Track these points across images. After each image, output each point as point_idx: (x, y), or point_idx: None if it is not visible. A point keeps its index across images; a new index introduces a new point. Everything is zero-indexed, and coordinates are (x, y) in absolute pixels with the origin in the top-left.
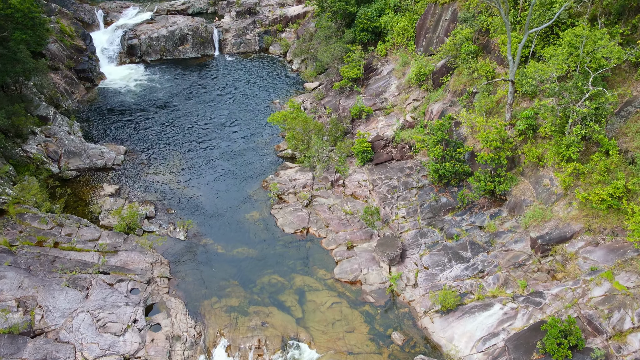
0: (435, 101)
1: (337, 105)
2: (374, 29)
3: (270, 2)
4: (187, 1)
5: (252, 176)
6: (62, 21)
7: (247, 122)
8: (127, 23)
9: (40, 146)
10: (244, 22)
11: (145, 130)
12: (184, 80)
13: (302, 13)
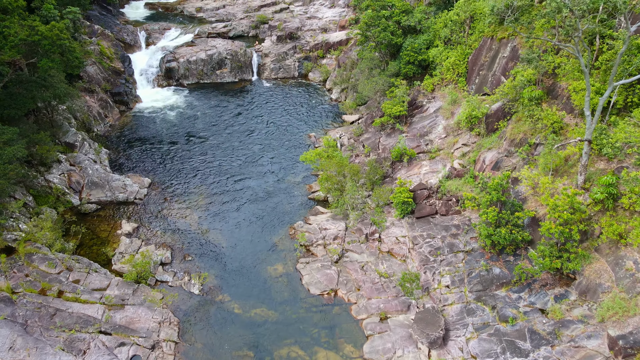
0: (489, 149)
1: (377, 144)
2: (421, 62)
3: (312, 26)
4: (228, 24)
5: (279, 221)
6: (103, 43)
7: (280, 157)
8: (168, 45)
9: (63, 176)
10: (284, 47)
11: (173, 160)
12: (219, 107)
13: (345, 40)
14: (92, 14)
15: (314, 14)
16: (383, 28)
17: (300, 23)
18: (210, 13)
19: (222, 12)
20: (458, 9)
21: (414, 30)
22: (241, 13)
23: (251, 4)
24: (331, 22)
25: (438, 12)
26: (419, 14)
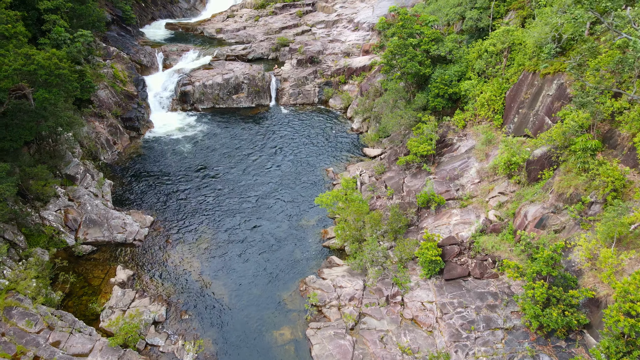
0: (531, 202)
1: (401, 186)
2: (452, 95)
3: (334, 50)
4: (248, 46)
5: (290, 272)
6: (117, 66)
7: (295, 195)
8: (184, 68)
9: (59, 212)
10: (304, 71)
11: (179, 196)
12: (233, 135)
13: (368, 65)
14: (111, 35)
15: (337, 37)
16: (410, 57)
17: (322, 46)
18: (230, 34)
19: (242, 33)
20: (494, 38)
21: (444, 59)
22: (261, 35)
23: (272, 25)
24: (354, 46)
25: (471, 40)
26: (450, 42)
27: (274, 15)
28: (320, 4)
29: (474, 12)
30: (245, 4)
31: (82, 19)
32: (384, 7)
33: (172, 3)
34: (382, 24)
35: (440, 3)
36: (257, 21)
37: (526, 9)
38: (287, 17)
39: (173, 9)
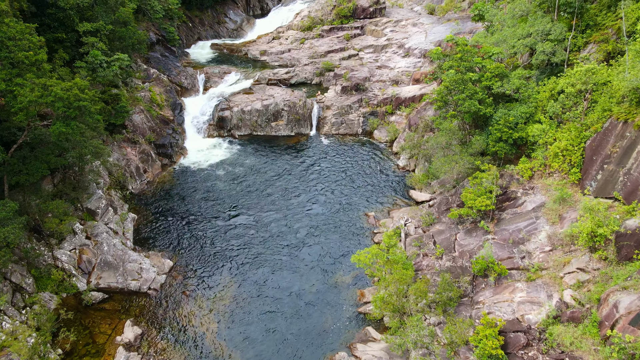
0: (623, 288)
1: (452, 243)
2: (517, 140)
3: (382, 77)
4: (291, 70)
5: (318, 344)
6: (155, 89)
7: (331, 244)
8: (224, 91)
9: (74, 252)
10: (348, 99)
11: (204, 237)
12: (269, 167)
13: (419, 95)
14: (154, 55)
15: (385, 63)
16: (469, 95)
17: (369, 73)
18: (274, 57)
19: (287, 56)
20: (572, 77)
21: (508, 98)
22: (306, 58)
23: (318, 49)
24: (404, 74)
25: (542, 77)
26: (517, 79)
27: (320, 38)
28: (369, 27)
29: (547, 45)
30: (291, 25)
31: (122, 41)
32: (437, 32)
33: (219, 24)
34: (437, 55)
35: (506, 33)
36: (303, 44)
37: (611, 43)
38: (333, 41)
39: (220, 29)
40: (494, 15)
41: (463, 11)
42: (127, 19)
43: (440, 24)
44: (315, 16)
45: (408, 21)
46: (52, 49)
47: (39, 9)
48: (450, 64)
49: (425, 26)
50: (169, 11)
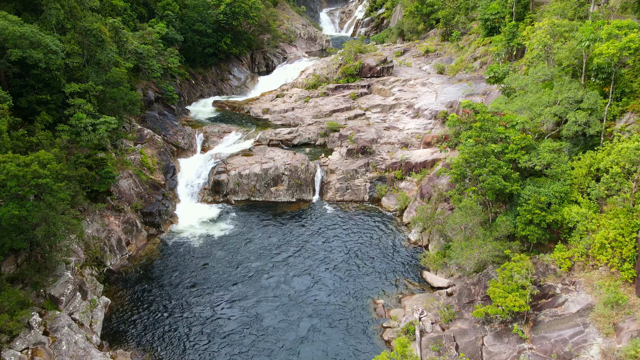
0: None
1: (479, 350)
2: (551, 224)
3: (390, 139)
4: (294, 130)
5: None
6: (148, 151)
7: (333, 341)
8: (222, 152)
9: (25, 353)
10: (354, 162)
11: (187, 332)
12: (267, 239)
13: (430, 161)
14: (151, 114)
15: (394, 124)
16: (492, 169)
17: (376, 134)
18: (277, 116)
19: (290, 115)
20: (616, 155)
21: (536, 172)
22: (310, 118)
23: (322, 108)
24: (414, 136)
25: (575, 150)
26: (547, 153)
27: (325, 97)
28: (376, 86)
29: (580, 115)
30: (296, 83)
31: (113, 102)
32: (448, 93)
33: (223, 81)
34: (453, 122)
35: (529, 99)
36: (307, 102)
37: None
38: (339, 99)
39: (223, 86)
40: (514, 80)
41: (475, 71)
42: (120, 79)
43: (451, 84)
44: (320, 74)
45: (417, 80)
46: (34, 111)
47: (23, 69)
48: (469, 133)
49: (435, 86)
50: (169, 70)
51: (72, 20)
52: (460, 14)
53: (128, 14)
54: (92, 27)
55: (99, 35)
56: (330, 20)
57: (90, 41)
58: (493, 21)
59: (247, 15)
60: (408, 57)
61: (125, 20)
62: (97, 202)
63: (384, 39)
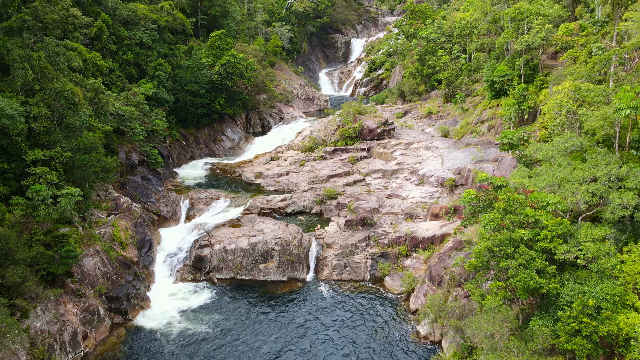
0: None
1: None
2: (605, 336)
3: (393, 209)
4: (288, 197)
5: None
6: (121, 223)
7: None
8: (208, 222)
9: None
10: (353, 235)
11: None
12: (252, 330)
13: (439, 236)
14: (132, 179)
15: (396, 192)
16: (523, 263)
17: (377, 203)
18: (270, 180)
19: (284, 180)
20: None
21: (575, 264)
22: (305, 184)
23: (319, 172)
24: (419, 206)
25: (625, 238)
26: (590, 243)
27: (323, 160)
28: (376, 149)
29: (628, 196)
30: (292, 145)
31: (83, 170)
32: (455, 158)
33: (215, 142)
34: (469, 199)
35: (559, 174)
36: (303, 166)
37: None
38: (337, 163)
39: (215, 147)
40: (537, 150)
41: (482, 135)
42: (93, 144)
43: (457, 149)
44: (317, 136)
45: (420, 144)
46: None
47: None
48: (491, 216)
49: (440, 150)
50: (154, 132)
51: (42, 81)
52: (462, 75)
53: (116, 74)
54: (63, 89)
55: (70, 97)
56: (330, 81)
57: (61, 104)
58: (501, 83)
59: (243, 75)
60: (410, 119)
61: (113, 80)
62: (54, 287)
63: (383, 99)
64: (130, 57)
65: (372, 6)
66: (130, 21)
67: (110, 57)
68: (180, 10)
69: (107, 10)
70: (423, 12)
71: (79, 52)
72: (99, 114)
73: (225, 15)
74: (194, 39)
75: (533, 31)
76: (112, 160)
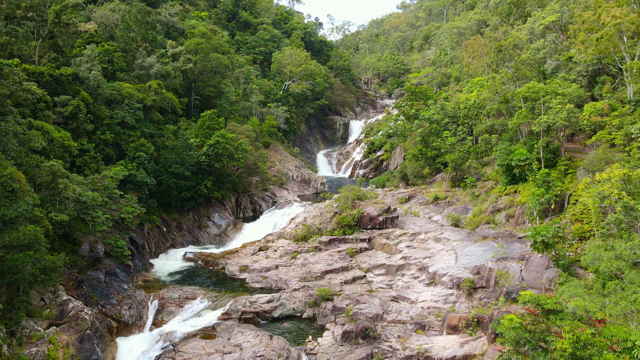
0: None
1: None
2: None
3: (400, 316)
4: (275, 297)
5: None
6: (63, 337)
7: None
8: (176, 331)
9: None
10: (352, 352)
11: None
12: None
13: (462, 358)
14: (93, 275)
15: (403, 293)
16: None
17: (381, 307)
18: (256, 276)
19: (272, 276)
20: None
21: None
22: (296, 281)
23: (313, 267)
24: (432, 312)
25: None
26: None
27: (317, 252)
28: (378, 240)
29: None
30: (283, 233)
31: (14, 273)
32: (472, 254)
33: (200, 228)
34: (512, 328)
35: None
36: (295, 259)
37: None
38: (333, 256)
39: (200, 234)
40: (596, 260)
41: (502, 226)
42: (32, 240)
43: (473, 242)
44: (312, 224)
45: (428, 234)
46: None
47: None
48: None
49: (452, 243)
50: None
51: None
52: (470, 158)
53: (91, 155)
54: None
55: (7, 184)
56: (328, 162)
57: None
58: (521, 168)
59: (232, 157)
60: (414, 205)
61: (87, 162)
62: None
63: (384, 182)
64: (109, 137)
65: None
66: (113, 100)
67: (87, 136)
68: (172, 90)
69: (88, 89)
70: (424, 93)
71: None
72: (54, 202)
73: (219, 95)
74: (184, 119)
75: (552, 111)
76: (57, 259)
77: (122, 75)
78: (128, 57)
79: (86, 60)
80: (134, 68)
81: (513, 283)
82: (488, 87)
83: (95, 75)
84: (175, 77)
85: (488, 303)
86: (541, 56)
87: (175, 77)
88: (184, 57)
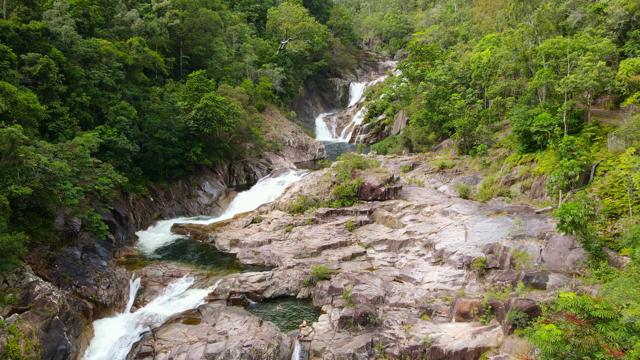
0: None
1: None
2: None
3: (403, 297)
4: (267, 276)
5: None
6: (26, 325)
7: None
8: (158, 314)
9: None
10: (351, 339)
11: None
12: None
13: (473, 350)
14: (68, 252)
15: (407, 272)
16: None
17: (382, 288)
18: (248, 251)
19: (265, 250)
20: None
21: None
22: (290, 257)
23: (309, 242)
24: (439, 295)
25: None
26: None
27: (314, 225)
28: (380, 212)
29: None
30: (278, 204)
31: None
32: (484, 230)
33: (190, 197)
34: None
35: None
36: (289, 232)
37: None
38: (331, 230)
39: (189, 204)
40: None
41: (517, 199)
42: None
43: (484, 217)
44: (308, 194)
45: (435, 207)
46: None
47: None
48: None
49: (461, 217)
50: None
51: None
52: (481, 123)
53: (65, 120)
54: None
55: None
56: (327, 126)
57: None
58: (544, 135)
59: (223, 121)
60: (419, 174)
61: (61, 127)
62: None
63: (386, 148)
64: (86, 100)
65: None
66: (90, 59)
67: (60, 99)
68: (159, 49)
69: (61, 46)
70: (430, 52)
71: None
72: (14, 173)
73: (210, 55)
74: (172, 81)
75: (581, 70)
76: (14, 238)
77: (100, 32)
78: (106, 11)
79: (57, 14)
80: (113, 23)
81: (532, 265)
82: (506, 42)
83: (67, 30)
84: (161, 35)
85: (502, 286)
86: (563, 9)
87: (161, 34)
88: (171, 12)
